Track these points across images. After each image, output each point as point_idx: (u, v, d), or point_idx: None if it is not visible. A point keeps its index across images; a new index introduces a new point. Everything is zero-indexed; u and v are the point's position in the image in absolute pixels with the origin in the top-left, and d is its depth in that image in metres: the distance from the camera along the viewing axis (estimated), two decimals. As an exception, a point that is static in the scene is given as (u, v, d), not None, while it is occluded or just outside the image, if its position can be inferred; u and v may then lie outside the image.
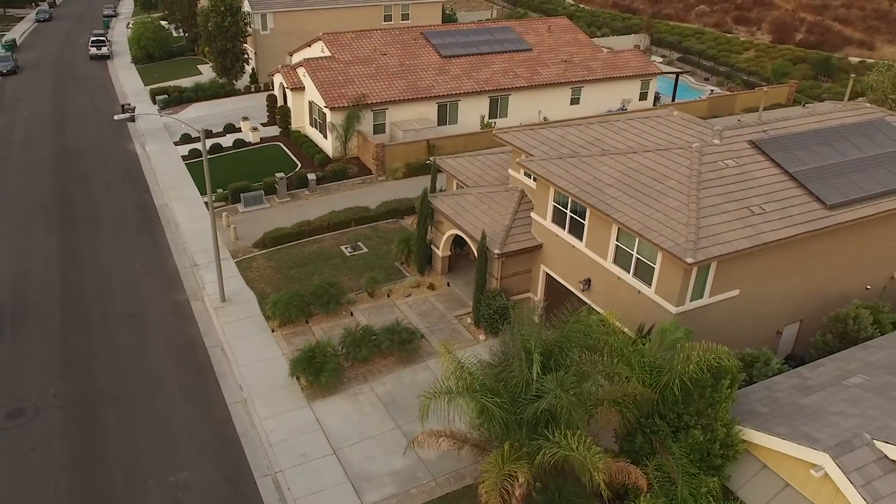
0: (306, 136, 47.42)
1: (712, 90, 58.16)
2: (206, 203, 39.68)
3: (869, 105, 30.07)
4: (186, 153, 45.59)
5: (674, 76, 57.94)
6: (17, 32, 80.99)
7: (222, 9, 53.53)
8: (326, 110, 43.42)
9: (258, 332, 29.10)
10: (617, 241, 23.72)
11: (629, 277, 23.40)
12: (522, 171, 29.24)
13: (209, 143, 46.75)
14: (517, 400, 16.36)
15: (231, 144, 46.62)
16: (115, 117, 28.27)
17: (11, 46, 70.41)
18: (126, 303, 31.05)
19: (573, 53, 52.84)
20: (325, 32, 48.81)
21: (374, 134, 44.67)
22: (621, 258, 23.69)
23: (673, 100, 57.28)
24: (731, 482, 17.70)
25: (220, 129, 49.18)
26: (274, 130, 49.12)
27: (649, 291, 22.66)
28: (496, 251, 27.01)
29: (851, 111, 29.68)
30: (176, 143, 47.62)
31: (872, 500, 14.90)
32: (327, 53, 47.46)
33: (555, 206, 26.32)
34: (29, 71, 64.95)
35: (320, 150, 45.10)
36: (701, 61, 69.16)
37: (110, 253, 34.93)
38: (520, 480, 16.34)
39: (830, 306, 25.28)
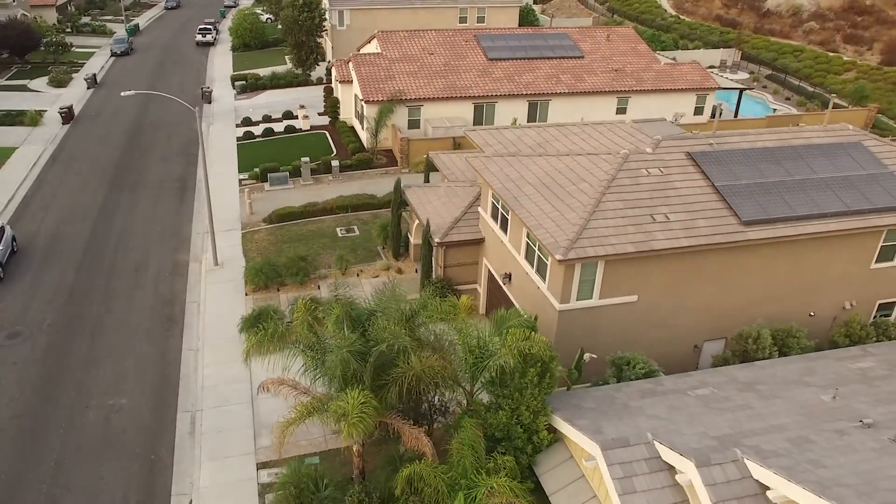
0: (350, 127, 50.50)
1: (775, 109, 55.66)
2: (240, 180, 43.76)
3: (852, 128, 28.65)
4: (241, 134, 49.95)
5: (739, 91, 55.91)
6: (145, 18, 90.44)
7: (300, 3, 57.75)
8: (363, 103, 46.20)
9: (233, 294, 32.21)
10: (527, 237, 24.58)
11: (532, 273, 24.22)
12: (485, 168, 30.44)
13: (262, 127, 51.02)
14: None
15: (282, 130, 50.48)
16: (122, 94, 32.25)
17: (134, 31, 79.00)
18: (136, 257, 35.21)
19: (627, 63, 52.57)
20: (379, 30, 51.65)
21: (408, 129, 46.95)
22: (530, 254, 24.53)
23: (735, 116, 55.48)
24: (539, 466, 18.41)
25: (279, 116, 53.22)
26: (326, 120, 52.55)
27: (544, 287, 23.41)
28: (436, 240, 28.47)
29: (831, 132, 28.52)
30: (237, 126, 52.15)
31: (623, 492, 15.37)
32: (378, 50, 50.26)
33: (492, 201, 27.43)
34: (140, 53, 72.73)
35: (356, 140, 47.98)
36: (787, 79, 65.95)
37: (141, 214, 39.47)
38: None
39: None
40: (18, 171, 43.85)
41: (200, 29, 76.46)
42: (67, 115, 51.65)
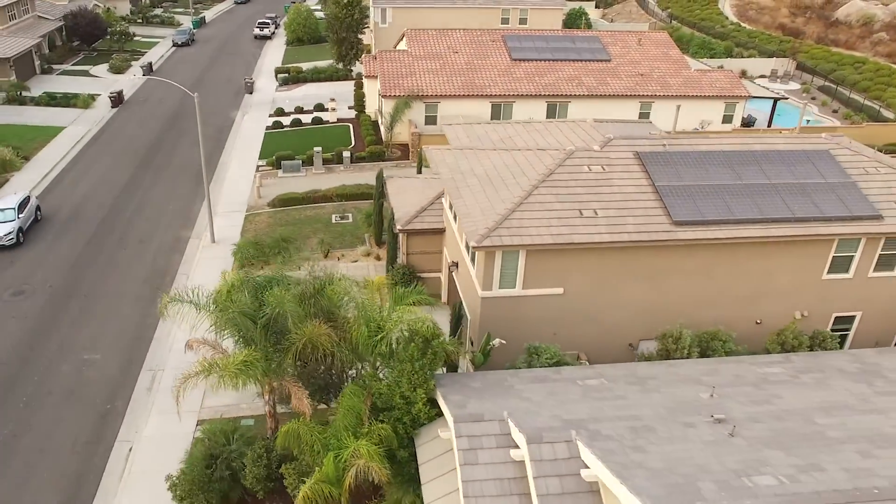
0: (373, 121, 52.14)
1: (808, 120, 53.72)
2: (257, 166, 46.08)
3: (826, 135, 27.91)
4: (270, 124, 52.43)
5: (773, 101, 54.38)
6: (213, 11, 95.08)
7: (344, 1, 59.91)
8: (381, 97, 47.73)
9: (220, 269, 34.22)
10: (467, 226, 25.34)
11: (468, 261, 24.97)
12: (457, 161, 31.29)
13: (292, 118, 53.33)
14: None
15: (309, 121, 52.65)
16: (131, 76, 34.72)
17: (199, 23, 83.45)
18: (143, 231, 37.87)
19: (655, 68, 52.06)
20: (409, 28, 53.09)
21: (424, 124, 48.15)
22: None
23: (769, 125, 54.03)
24: (419, 438, 19.19)
25: (311, 108, 55.45)
26: (353, 113, 54.40)
27: (474, 275, 24.13)
28: (398, 227, 29.55)
29: (804, 140, 27.94)
30: (269, 116, 54.70)
31: (464, 462, 16.07)
32: (406, 48, 51.72)
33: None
34: (200, 44, 76.88)
35: (374, 134, 49.56)
36: (839, 90, 63.43)
37: (159, 192, 42.27)
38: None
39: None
40: (61, 149, 47.61)
41: (259, 23, 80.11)
42: (117, 100, 55.50)
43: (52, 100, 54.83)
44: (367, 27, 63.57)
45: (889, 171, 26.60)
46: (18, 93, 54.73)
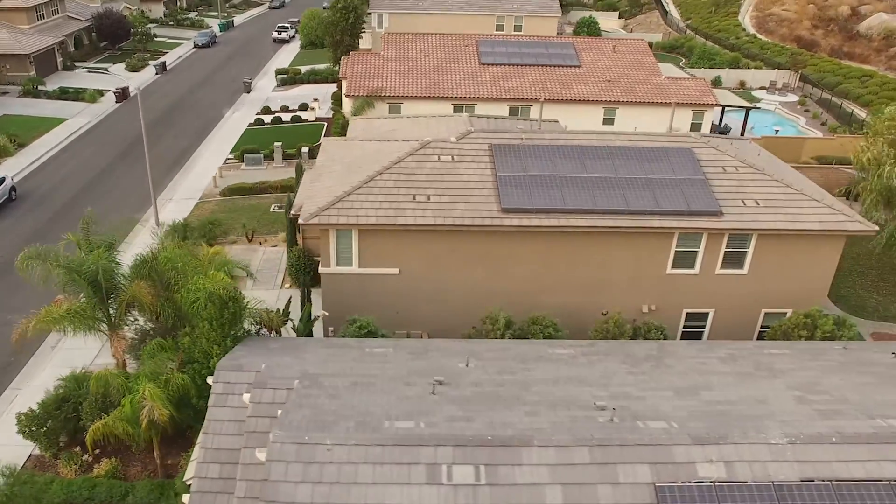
0: (345, 120, 54.44)
1: (777, 130, 53.07)
2: (227, 158, 49.08)
3: (696, 135, 28.46)
4: (253, 121, 55.49)
5: (745, 110, 54.06)
6: (245, 15, 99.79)
7: (340, 6, 62.69)
8: (345, 97, 50.05)
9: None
10: (327, 209, 27.15)
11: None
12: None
13: (274, 116, 56.26)
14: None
15: (289, 119, 55.45)
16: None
17: (226, 26, 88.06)
18: (100, 212, 40.70)
19: (624, 75, 52.58)
20: (387, 32, 55.30)
21: (389, 123, 50.15)
22: (329, 224, 27.06)
23: (741, 134, 53.66)
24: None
25: (297, 107, 58.31)
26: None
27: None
28: (291, 213, 31.58)
29: (673, 138, 28.61)
30: (257, 113, 57.80)
31: (213, 404, 17.96)
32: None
33: (334, 179, 30.17)
34: (220, 46, 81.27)
35: (342, 131, 51.80)
36: (832, 101, 62.16)
37: (129, 178, 45.68)
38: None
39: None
40: (56, 138, 51.86)
41: (279, 27, 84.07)
42: (121, 95, 59.74)
43: (63, 94, 59.47)
44: (364, 31, 66.05)
45: (747, 171, 27.05)
46: (34, 87, 59.60)
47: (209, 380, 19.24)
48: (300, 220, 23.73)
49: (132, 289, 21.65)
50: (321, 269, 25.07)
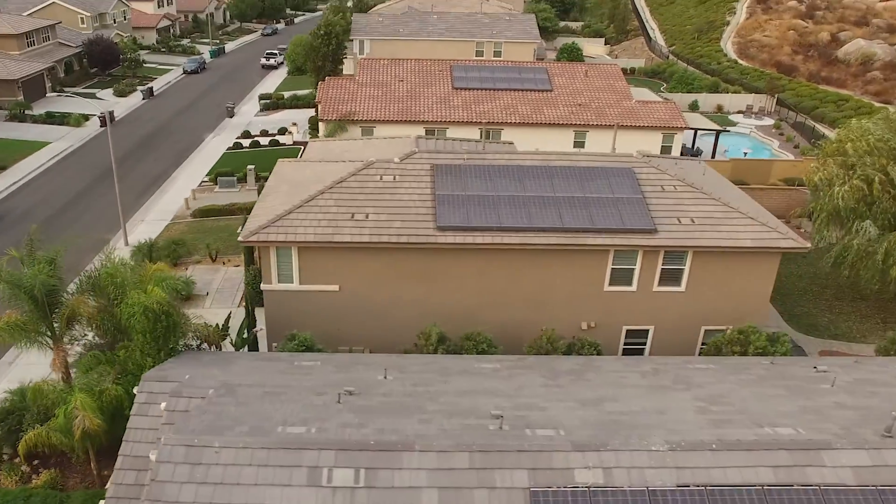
0: (323, 143, 55.46)
1: (746, 153, 53.78)
2: (201, 182, 49.97)
3: (637, 154, 29.08)
4: (231, 144, 56.53)
5: (716, 133, 54.89)
6: (238, 42, 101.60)
7: (322, 33, 64.02)
8: (319, 121, 51.04)
9: (121, 267, 37.81)
10: (274, 227, 27.80)
11: (271, 258, 27.39)
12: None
13: (252, 140, 57.30)
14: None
15: (267, 143, 56.46)
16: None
17: (217, 52, 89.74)
18: (75, 231, 41.87)
19: (595, 98, 53.48)
20: (363, 58, 56.43)
21: (363, 146, 51.01)
22: (276, 242, 27.70)
23: (712, 157, 54.45)
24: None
25: (276, 131, 59.36)
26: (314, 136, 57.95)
27: (266, 270, 26.55)
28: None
29: (617, 159, 29.28)
30: (237, 138, 58.87)
31: (136, 413, 18.55)
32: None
33: (287, 199, 30.87)
34: (209, 72, 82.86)
35: (317, 154, 52.78)
36: (806, 123, 63.02)
37: (104, 200, 46.53)
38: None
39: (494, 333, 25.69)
40: (38, 161, 53.00)
41: (267, 53, 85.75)
42: (105, 120, 60.83)
43: (49, 118, 60.72)
44: (346, 57, 67.34)
45: (686, 190, 27.62)
46: (21, 111, 60.88)
47: (135, 390, 19.80)
48: (238, 238, 24.36)
49: (72, 303, 22.27)
50: (263, 286, 25.66)
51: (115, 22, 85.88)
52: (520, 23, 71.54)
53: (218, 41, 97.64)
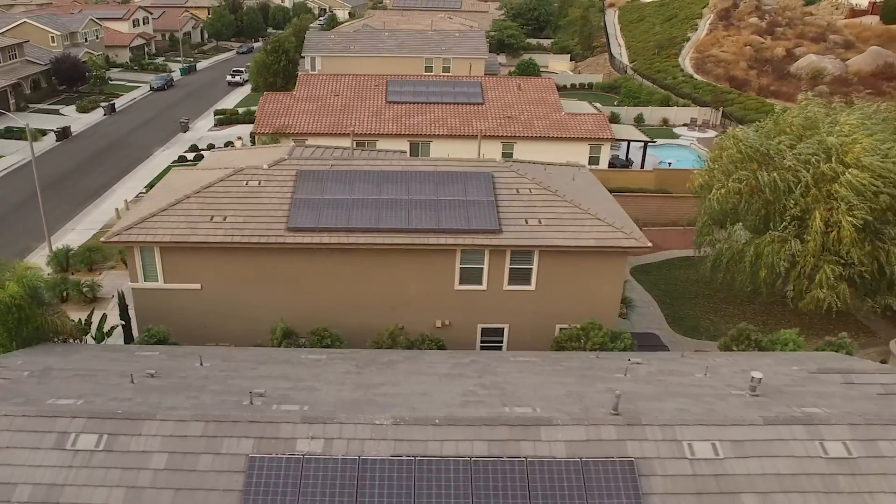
0: (264, 156, 57.26)
1: (670, 163, 55.12)
2: (138, 194, 51.81)
3: (500, 160, 30.54)
4: (176, 158, 58.45)
5: (644, 144, 56.33)
6: (213, 60, 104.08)
7: (270, 49, 66.13)
8: (252, 135, 52.91)
9: (39, 273, 39.56)
10: (151, 230, 29.39)
11: (146, 260, 28.93)
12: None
13: (197, 154, 59.21)
14: None
15: (211, 155, 58.33)
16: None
17: (187, 70, 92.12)
18: (5, 241, 43.88)
19: (524, 111, 55.06)
20: (303, 73, 58.35)
21: (297, 158, 52.72)
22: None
23: (642, 167, 55.90)
24: None
25: (222, 145, 61.23)
26: (256, 149, 59.79)
27: (137, 270, 28.10)
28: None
29: (482, 164, 30.77)
30: (185, 151, 60.78)
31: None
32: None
33: (175, 205, 32.49)
34: (176, 89, 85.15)
35: (253, 166, 54.53)
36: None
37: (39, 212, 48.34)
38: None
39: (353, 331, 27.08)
40: (-13, 174, 55.03)
41: (233, 70, 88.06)
42: (62, 134, 63.09)
43: (7, 133, 62.94)
44: (298, 73, 69.31)
45: (540, 193, 28.95)
46: (-19, 127, 63.21)
47: (-30, 377, 21.33)
48: (101, 239, 25.97)
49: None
50: (130, 284, 27.21)
51: (86, 41, 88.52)
52: (469, 39, 73.39)
53: (192, 59, 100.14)
